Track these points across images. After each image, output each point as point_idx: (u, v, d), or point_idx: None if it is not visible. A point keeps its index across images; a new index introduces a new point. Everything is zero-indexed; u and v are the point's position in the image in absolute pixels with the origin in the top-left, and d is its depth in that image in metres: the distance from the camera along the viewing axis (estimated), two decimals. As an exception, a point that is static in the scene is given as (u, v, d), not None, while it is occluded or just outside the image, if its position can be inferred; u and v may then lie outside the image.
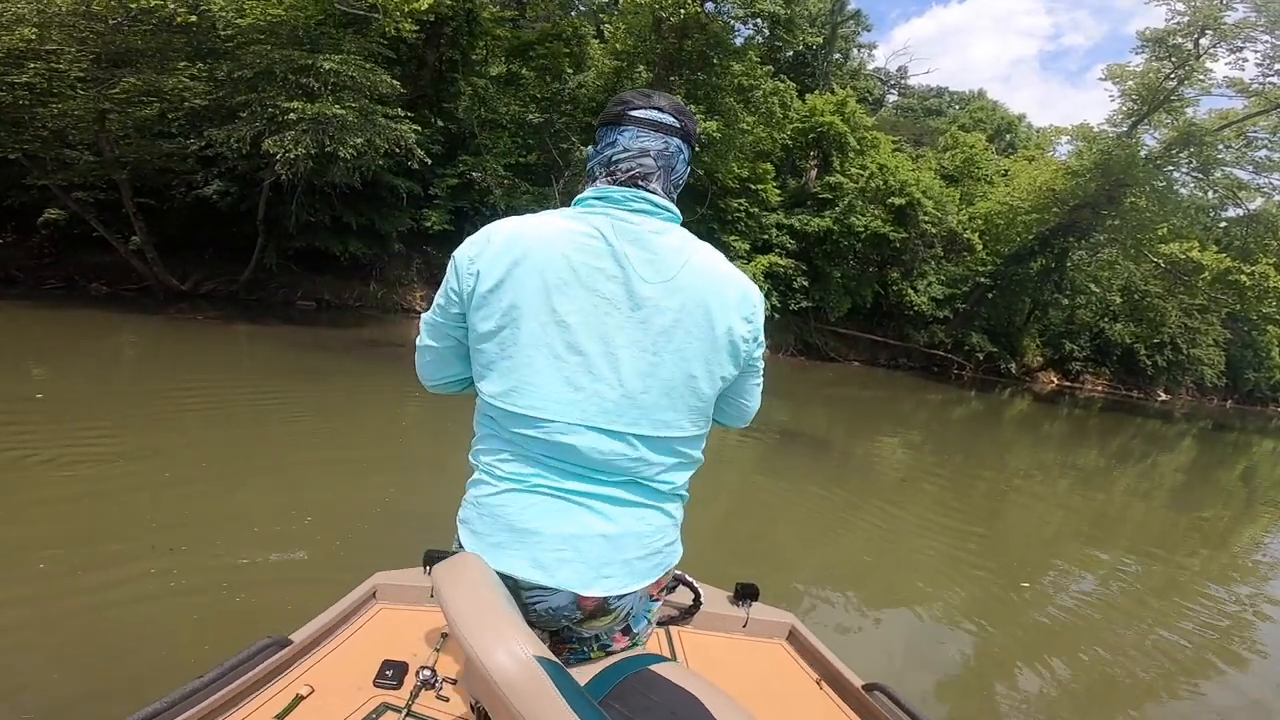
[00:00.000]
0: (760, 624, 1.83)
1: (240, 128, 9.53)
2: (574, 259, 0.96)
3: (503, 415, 1.00)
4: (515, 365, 0.97)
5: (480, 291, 0.97)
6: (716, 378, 1.02)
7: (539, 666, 0.74)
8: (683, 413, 1.01)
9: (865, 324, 21.60)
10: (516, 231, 0.98)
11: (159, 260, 11.77)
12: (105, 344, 8.16)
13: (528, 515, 0.98)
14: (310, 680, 1.32)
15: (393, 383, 7.99)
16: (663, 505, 1.04)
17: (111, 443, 4.41)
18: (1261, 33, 16.19)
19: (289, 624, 1.45)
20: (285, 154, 9.17)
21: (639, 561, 1.01)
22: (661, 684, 0.99)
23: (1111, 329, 26.20)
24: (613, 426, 0.97)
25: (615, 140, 1.04)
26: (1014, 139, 30.75)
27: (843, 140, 19.90)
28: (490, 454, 1.03)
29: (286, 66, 9.53)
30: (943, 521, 5.57)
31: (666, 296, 0.97)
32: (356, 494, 4.11)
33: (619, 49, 17.36)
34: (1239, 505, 9.32)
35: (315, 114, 9.23)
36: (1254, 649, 3.93)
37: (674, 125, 1.05)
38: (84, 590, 2.65)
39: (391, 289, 14.99)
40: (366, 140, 9.95)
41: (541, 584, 0.97)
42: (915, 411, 14.38)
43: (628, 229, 0.99)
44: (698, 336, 0.99)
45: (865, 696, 1.52)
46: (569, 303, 0.96)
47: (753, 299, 1.04)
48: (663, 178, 1.05)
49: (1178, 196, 19.02)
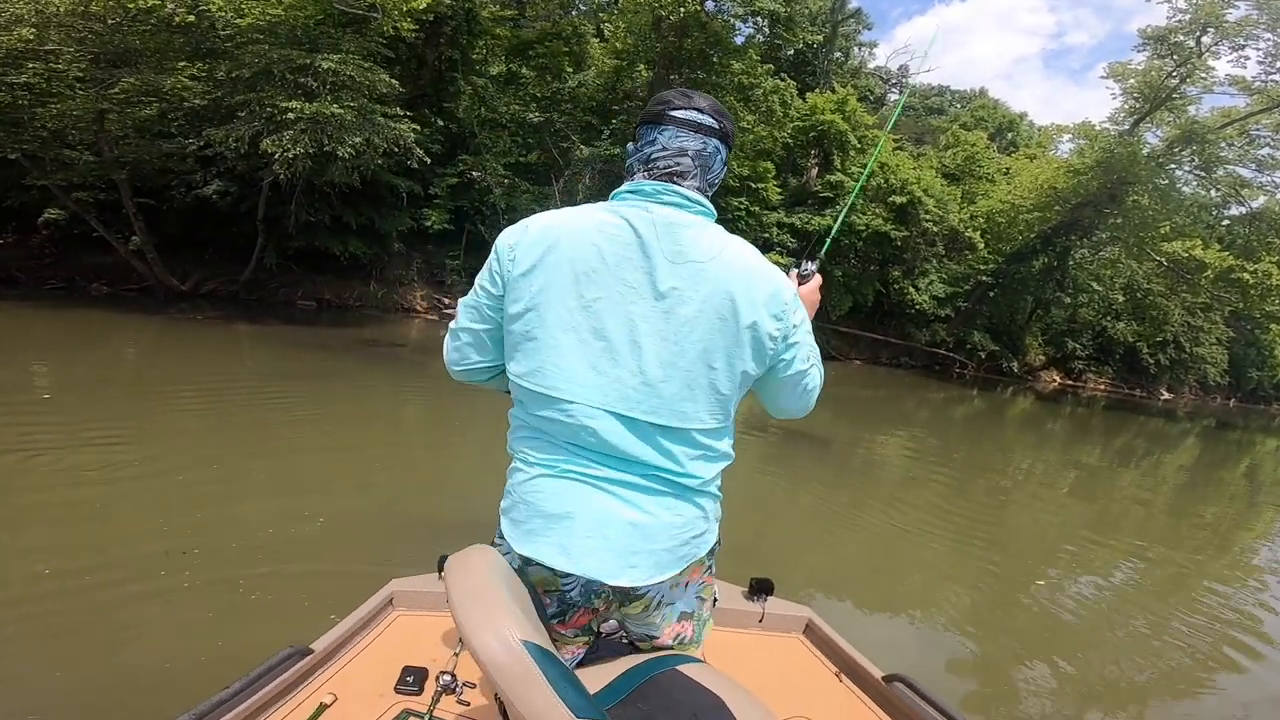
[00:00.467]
0: (777, 618, 1.83)
1: (239, 127, 9.52)
2: (603, 247, 0.99)
3: (529, 396, 1.03)
4: (541, 346, 1.00)
5: (514, 276, 1.01)
6: (737, 372, 1.02)
7: (524, 650, 0.76)
8: (702, 404, 1.01)
9: (866, 323, 21.56)
10: (552, 221, 1.02)
11: (159, 260, 11.77)
12: (106, 344, 8.15)
13: (557, 501, 1.01)
14: (333, 689, 1.34)
15: (393, 383, 7.98)
16: (691, 497, 1.05)
17: (118, 446, 4.38)
18: (1263, 30, 16.13)
19: (306, 626, 1.46)
20: (284, 153, 9.15)
21: (665, 552, 1.03)
22: (686, 684, 1.00)
23: (1114, 327, 26.12)
24: (632, 413, 0.99)
25: (655, 139, 1.07)
26: (1015, 137, 30.69)
27: (843, 139, 19.88)
28: (523, 441, 1.06)
29: (285, 66, 9.52)
30: (948, 519, 5.56)
31: (691, 288, 0.99)
32: (362, 494, 4.11)
33: (619, 48, 17.35)
34: (1243, 504, 9.27)
35: (314, 113, 9.22)
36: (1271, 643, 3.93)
37: (713, 126, 1.07)
38: (97, 590, 2.63)
39: (392, 289, 14.98)
40: (365, 139, 9.94)
41: (570, 572, 1.00)
42: (917, 410, 14.34)
43: (656, 220, 1.01)
44: (720, 329, 1.00)
45: (886, 688, 1.51)
46: (596, 289, 0.99)
47: (784, 297, 1.04)
48: (699, 176, 1.07)
49: (1180, 195, 18.96)
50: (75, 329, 8.66)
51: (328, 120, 9.47)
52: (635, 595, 1.06)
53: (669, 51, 16.56)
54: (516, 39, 17.62)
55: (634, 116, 16.34)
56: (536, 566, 1.03)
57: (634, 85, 17.52)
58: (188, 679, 2.16)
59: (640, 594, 1.06)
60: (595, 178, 16.41)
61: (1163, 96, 18.05)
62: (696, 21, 15.86)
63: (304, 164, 9.43)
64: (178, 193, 12.08)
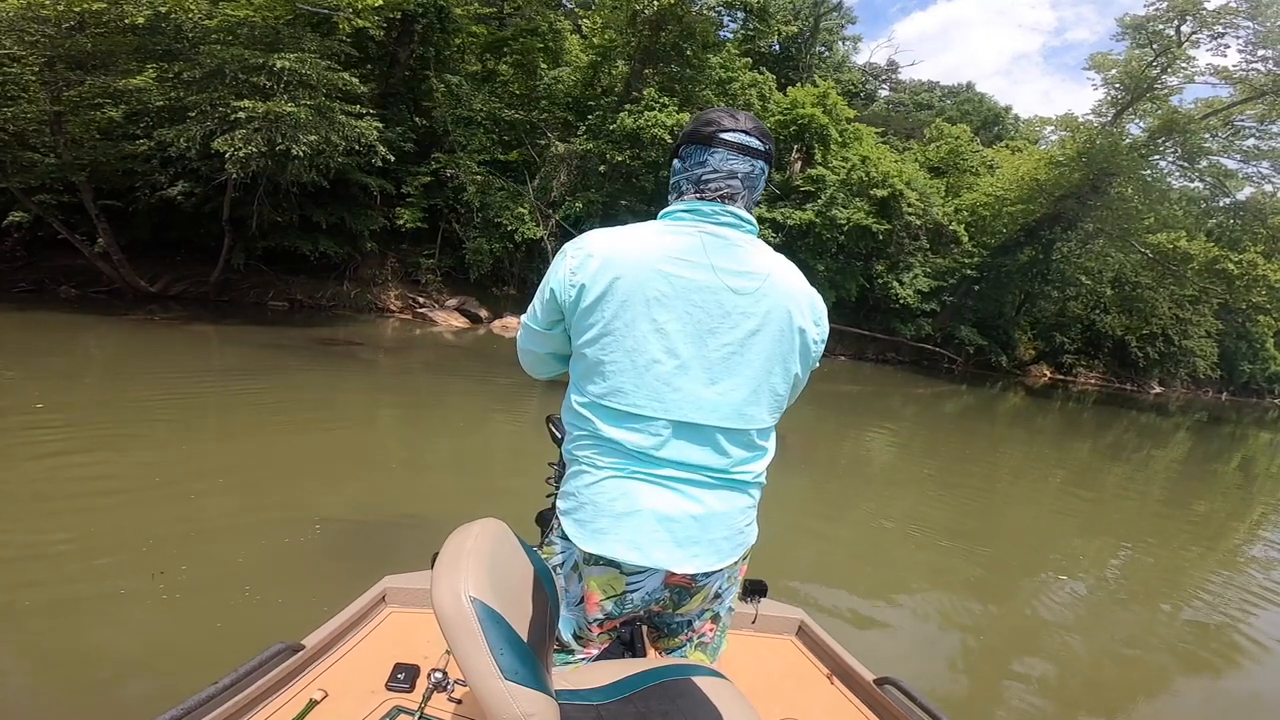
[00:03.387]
0: (770, 620, 1.85)
1: (190, 127, 9.52)
2: (670, 272, 1.07)
3: (605, 413, 1.10)
4: (619, 369, 1.08)
5: (583, 304, 1.08)
6: (791, 375, 1.15)
7: (469, 605, 0.79)
8: (763, 406, 1.13)
9: (851, 318, 21.42)
10: (614, 247, 1.08)
11: (125, 262, 11.79)
12: (75, 347, 8.15)
13: (626, 501, 1.08)
14: (323, 685, 1.34)
15: (364, 384, 7.97)
16: (745, 490, 1.15)
17: (89, 452, 4.38)
18: (1243, 19, 15.94)
19: (292, 629, 1.46)
20: (235, 152, 9.14)
21: (723, 541, 1.12)
22: (693, 695, 1.03)
23: (1102, 321, 25.90)
24: (705, 422, 1.09)
25: (705, 160, 1.13)
26: (1001, 131, 30.46)
27: (825, 132, 19.75)
28: (590, 448, 1.13)
29: (238, 66, 9.51)
30: (938, 517, 5.55)
31: (753, 304, 1.09)
32: (336, 495, 4.11)
33: (596, 43, 17.31)
34: (1235, 500, 9.14)
35: (265, 112, 9.20)
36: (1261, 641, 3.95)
37: (759, 149, 1.14)
38: (65, 587, 2.66)
39: (365, 288, 14.98)
40: (322, 137, 9.92)
41: (639, 565, 1.08)
42: (904, 406, 14.26)
43: (718, 243, 1.10)
44: (779, 339, 1.11)
45: (877, 690, 1.52)
46: (666, 312, 1.07)
47: (819, 306, 1.18)
48: (746, 196, 1.15)
49: (1164, 186, 18.77)
50: (41, 331, 8.66)
51: (281, 119, 9.46)
52: (695, 590, 1.16)
53: (644, 45, 16.50)
54: (491, 36, 17.59)
55: (610, 112, 16.30)
56: (602, 567, 1.12)
57: (611, 81, 17.46)
58: (158, 678, 2.20)
59: (700, 586, 1.16)
60: (571, 173, 16.37)
61: (1144, 87, 17.86)
62: (673, 14, 15.79)
63: (257, 163, 9.42)
64: (143, 194, 12.09)
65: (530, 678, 0.79)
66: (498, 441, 6.41)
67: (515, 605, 0.88)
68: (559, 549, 1.18)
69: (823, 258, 19.35)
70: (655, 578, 1.12)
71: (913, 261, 21.22)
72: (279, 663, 1.30)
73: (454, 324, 14.86)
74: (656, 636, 1.31)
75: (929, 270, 21.51)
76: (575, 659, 1.22)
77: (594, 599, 1.15)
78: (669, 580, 1.13)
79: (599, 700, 1.02)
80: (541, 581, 1.00)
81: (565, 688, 1.02)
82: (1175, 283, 20.14)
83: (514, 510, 1.57)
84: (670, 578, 1.12)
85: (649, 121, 15.10)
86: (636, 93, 16.06)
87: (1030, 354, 26.47)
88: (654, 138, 15.13)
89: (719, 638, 1.29)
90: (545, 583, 1.01)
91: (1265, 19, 15.81)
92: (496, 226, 15.57)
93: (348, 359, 9.50)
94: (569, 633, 1.21)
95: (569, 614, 1.19)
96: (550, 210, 16.10)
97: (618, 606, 1.15)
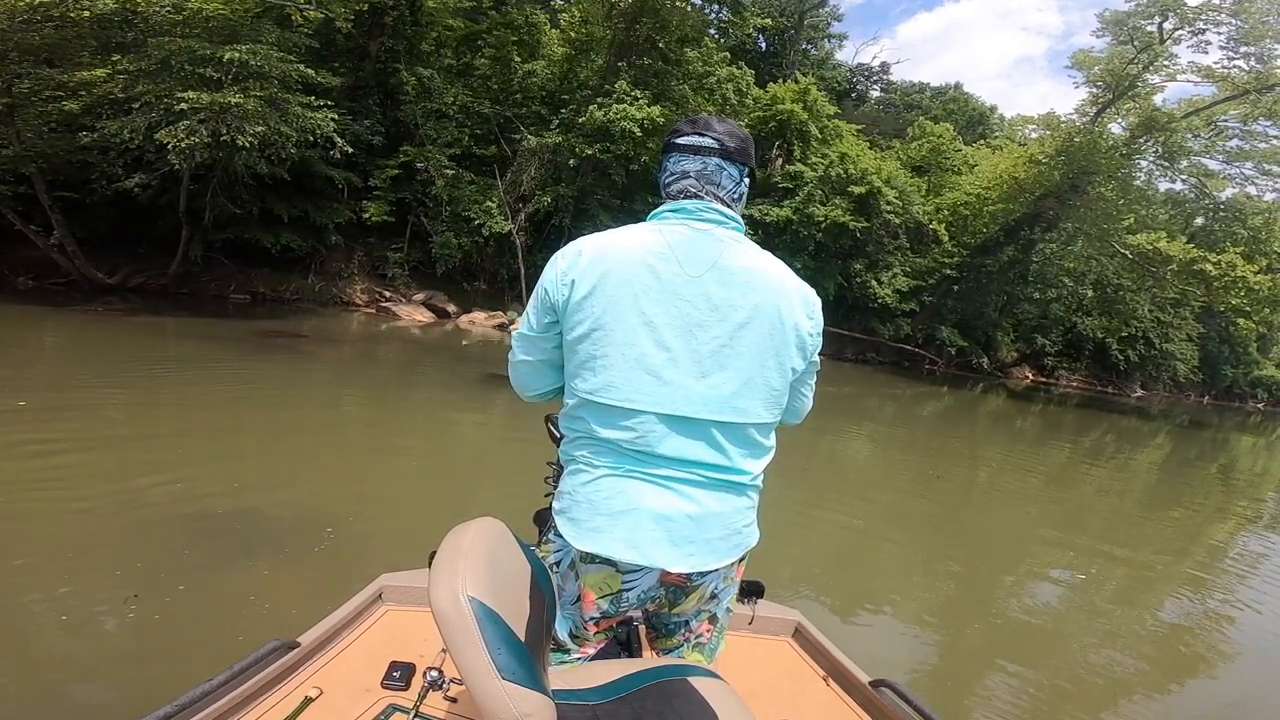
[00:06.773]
0: (766, 621, 1.84)
1: (135, 119, 9.42)
2: (657, 267, 1.08)
3: (597, 409, 1.10)
4: (609, 363, 1.08)
5: (574, 300, 1.09)
6: (786, 369, 1.14)
7: (467, 604, 0.79)
8: (758, 400, 1.12)
9: (830, 317, 20.56)
10: (602, 246, 1.11)
11: (80, 254, 11.69)
12: (27, 339, 8.09)
13: (622, 499, 1.08)
14: (318, 683, 1.33)
15: (327, 376, 7.96)
16: (743, 490, 1.15)
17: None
18: (1225, 15, 15.75)
19: (282, 629, 1.45)
20: (177, 144, 9.05)
21: (720, 541, 1.12)
22: (689, 696, 1.02)
23: (1083, 323, 25.71)
24: (697, 415, 1.08)
25: (665, 165, 1.20)
26: (985, 130, 30.24)
27: (805, 129, 19.59)
28: (585, 447, 1.13)
29: (185, 57, 9.40)
30: (924, 519, 5.59)
31: (741, 297, 1.09)
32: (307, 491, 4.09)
33: (573, 37, 17.17)
34: (1215, 505, 9.10)
35: (210, 103, 9.10)
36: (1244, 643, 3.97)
37: (711, 146, 1.16)
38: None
39: (331, 282, 14.87)
40: (270, 128, 9.81)
41: (636, 563, 1.08)
42: (882, 406, 14.19)
43: (704, 239, 1.11)
44: (769, 332, 1.11)
45: (872, 692, 1.52)
46: (654, 306, 1.07)
47: (811, 300, 1.18)
48: (712, 192, 1.16)
49: (1144, 186, 18.57)
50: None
51: (227, 110, 9.35)
52: (690, 589, 1.16)
53: (619, 39, 16.35)
54: (467, 29, 17.45)
55: (584, 106, 16.17)
56: (598, 565, 1.12)
57: (586, 74, 17.31)
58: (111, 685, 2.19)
59: (695, 586, 1.16)
60: (542, 167, 16.24)
61: (1125, 85, 17.66)
62: (649, 8, 15.64)
63: (201, 154, 9.32)
64: (99, 186, 11.98)
65: (527, 677, 0.79)
66: (464, 436, 6.41)
67: (512, 605, 0.88)
68: (555, 548, 1.19)
69: (800, 255, 19.18)
70: (651, 576, 1.12)
71: (892, 260, 21.05)
72: (274, 660, 1.29)
73: (419, 318, 14.75)
74: (654, 637, 1.33)
75: (908, 269, 21.34)
76: (572, 659, 1.23)
77: (590, 598, 1.16)
78: (665, 579, 1.13)
79: (595, 700, 1.02)
80: (539, 581, 1.00)
81: (561, 687, 1.02)
82: (1156, 285, 19.93)
83: (514, 510, 1.54)
84: (666, 576, 1.13)
85: (618, 114, 14.95)
86: (609, 86, 15.91)
87: (1013, 356, 26.29)
88: (624, 131, 14.99)
89: (716, 639, 1.30)
90: (542, 582, 1.02)
91: (1247, 16, 15.62)
92: (465, 221, 15.45)
93: (292, 351, 9.40)
94: (565, 632, 1.22)
95: (565, 613, 1.21)
96: (520, 204, 15.98)
97: (613, 605, 1.16)
